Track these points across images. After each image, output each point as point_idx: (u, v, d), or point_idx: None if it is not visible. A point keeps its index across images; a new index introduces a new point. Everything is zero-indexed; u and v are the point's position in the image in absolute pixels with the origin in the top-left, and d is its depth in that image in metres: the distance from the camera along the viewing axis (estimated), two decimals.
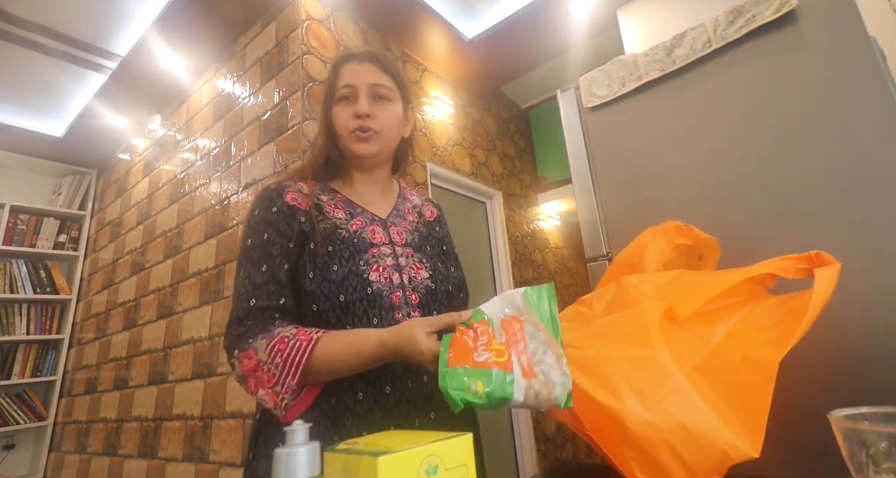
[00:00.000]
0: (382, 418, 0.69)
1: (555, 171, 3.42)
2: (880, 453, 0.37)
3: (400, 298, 0.74)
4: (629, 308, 0.74)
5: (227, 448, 1.64)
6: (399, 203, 0.90)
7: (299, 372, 0.63)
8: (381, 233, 0.80)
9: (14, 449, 2.82)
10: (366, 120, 0.79)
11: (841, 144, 0.92)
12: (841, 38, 0.94)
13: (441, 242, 0.92)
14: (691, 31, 1.13)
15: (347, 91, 0.80)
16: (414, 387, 0.72)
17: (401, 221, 0.85)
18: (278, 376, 0.64)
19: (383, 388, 0.70)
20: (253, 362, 0.66)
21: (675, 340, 0.66)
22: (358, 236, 0.77)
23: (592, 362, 0.64)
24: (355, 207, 0.82)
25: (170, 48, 2.24)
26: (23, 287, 2.88)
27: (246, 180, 1.96)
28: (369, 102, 0.80)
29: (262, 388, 0.65)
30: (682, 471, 0.56)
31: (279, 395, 0.63)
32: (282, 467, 0.36)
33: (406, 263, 0.78)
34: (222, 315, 1.86)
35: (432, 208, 0.96)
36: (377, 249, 0.77)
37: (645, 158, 1.20)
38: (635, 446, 0.58)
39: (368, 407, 0.69)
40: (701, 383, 0.61)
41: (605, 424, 0.60)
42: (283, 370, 0.63)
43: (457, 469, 0.39)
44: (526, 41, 2.46)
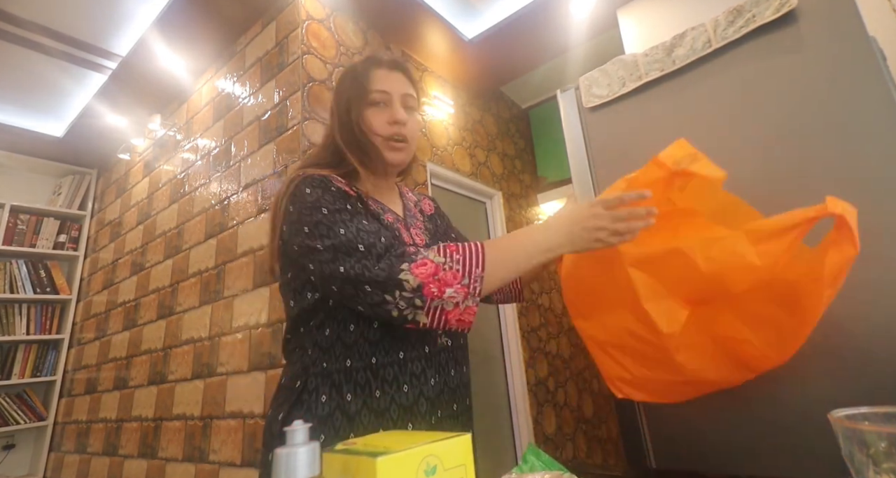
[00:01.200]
0: (400, 417, 0.70)
1: (555, 171, 3.42)
2: (880, 453, 0.37)
3: None
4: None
5: (227, 448, 1.64)
6: (405, 203, 0.92)
7: (483, 262, 0.66)
8: (405, 233, 0.82)
9: (14, 449, 2.82)
10: (401, 128, 0.81)
11: (841, 144, 0.92)
12: (841, 38, 0.94)
13: (445, 235, 0.95)
14: (691, 31, 1.13)
15: (382, 96, 0.81)
16: (437, 384, 0.74)
17: (414, 221, 0.88)
18: (464, 269, 0.65)
19: (401, 387, 0.71)
20: (431, 268, 0.65)
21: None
22: (394, 228, 0.80)
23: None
24: (380, 204, 0.83)
25: (170, 48, 2.24)
26: (23, 287, 2.88)
27: (246, 180, 1.96)
28: (403, 111, 0.82)
29: (448, 286, 0.64)
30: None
31: (470, 285, 0.65)
32: (282, 467, 0.36)
33: None
34: (222, 315, 1.86)
35: (428, 202, 0.99)
36: (412, 247, 0.77)
37: (645, 158, 1.19)
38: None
39: (385, 405, 0.69)
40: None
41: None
42: (466, 264, 0.66)
43: (455, 469, 0.39)
44: (526, 41, 2.46)
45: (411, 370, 0.72)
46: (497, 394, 2.53)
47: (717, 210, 0.85)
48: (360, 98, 0.82)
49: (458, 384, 0.77)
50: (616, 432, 3.20)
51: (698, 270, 0.71)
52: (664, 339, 0.76)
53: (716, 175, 0.80)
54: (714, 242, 0.72)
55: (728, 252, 0.70)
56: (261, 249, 1.77)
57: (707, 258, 0.71)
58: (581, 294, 0.93)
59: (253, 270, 1.77)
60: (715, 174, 0.80)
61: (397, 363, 0.71)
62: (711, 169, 0.82)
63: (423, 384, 0.72)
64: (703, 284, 0.73)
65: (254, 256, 1.79)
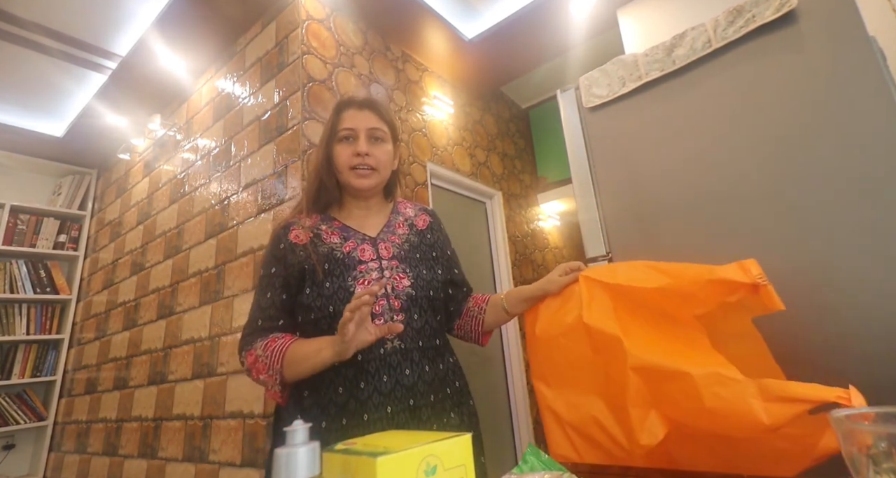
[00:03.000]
0: (357, 409, 0.82)
1: (555, 171, 3.42)
2: (880, 453, 0.37)
3: (383, 306, 0.87)
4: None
5: (227, 448, 1.64)
6: (392, 219, 1.02)
7: (281, 359, 0.83)
8: (370, 250, 0.93)
9: (14, 449, 2.82)
10: (364, 158, 0.94)
11: (841, 143, 0.92)
12: (841, 38, 0.94)
13: (431, 248, 1.03)
14: (691, 31, 1.13)
15: (348, 133, 0.95)
16: (388, 382, 0.85)
17: (390, 235, 0.98)
18: (268, 364, 0.84)
19: (358, 384, 0.84)
20: (253, 357, 0.86)
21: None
22: (349, 256, 0.91)
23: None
24: (349, 231, 0.96)
25: (170, 48, 2.24)
26: (23, 287, 2.88)
27: (246, 180, 1.96)
28: (367, 143, 0.95)
29: (260, 375, 0.85)
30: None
31: (271, 377, 0.83)
32: (282, 467, 0.36)
33: (390, 275, 0.91)
34: (222, 315, 1.86)
35: (425, 217, 1.07)
36: (365, 265, 0.91)
37: (645, 158, 1.20)
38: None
39: (345, 399, 0.83)
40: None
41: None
42: (270, 359, 0.84)
43: (455, 470, 0.39)
44: (526, 41, 2.46)
45: (367, 369, 0.84)
46: (497, 394, 2.53)
47: (735, 344, 0.84)
48: (332, 136, 0.97)
49: (416, 382, 0.85)
50: None
51: (700, 402, 0.70)
52: (637, 448, 0.76)
53: (778, 305, 0.78)
54: (726, 382, 0.70)
55: (737, 397, 0.68)
56: (260, 249, 1.77)
57: (714, 395, 0.70)
58: (551, 361, 0.92)
59: (253, 270, 1.77)
60: (778, 304, 0.78)
61: (355, 365, 0.84)
62: (776, 299, 0.80)
63: (377, 382, 0.83)
64: (697, 415, 0.72)
65: (254, 256, 1.79)
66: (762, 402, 0.66)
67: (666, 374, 0.75)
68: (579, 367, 0.87)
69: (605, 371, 0.83)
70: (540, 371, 0.93)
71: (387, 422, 0.82)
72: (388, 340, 0.86)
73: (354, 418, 0.81)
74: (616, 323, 0.83)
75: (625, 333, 0.81)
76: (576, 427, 0.85)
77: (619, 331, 0.81)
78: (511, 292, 1.00)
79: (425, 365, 0.88)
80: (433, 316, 0.94)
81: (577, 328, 0.87)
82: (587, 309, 0.86)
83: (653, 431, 0.76)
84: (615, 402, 0.81)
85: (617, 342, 0.80)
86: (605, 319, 0.84)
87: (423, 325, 0.91)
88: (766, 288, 0.77)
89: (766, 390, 0.67)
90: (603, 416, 0.82)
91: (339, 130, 0.95)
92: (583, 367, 0.87)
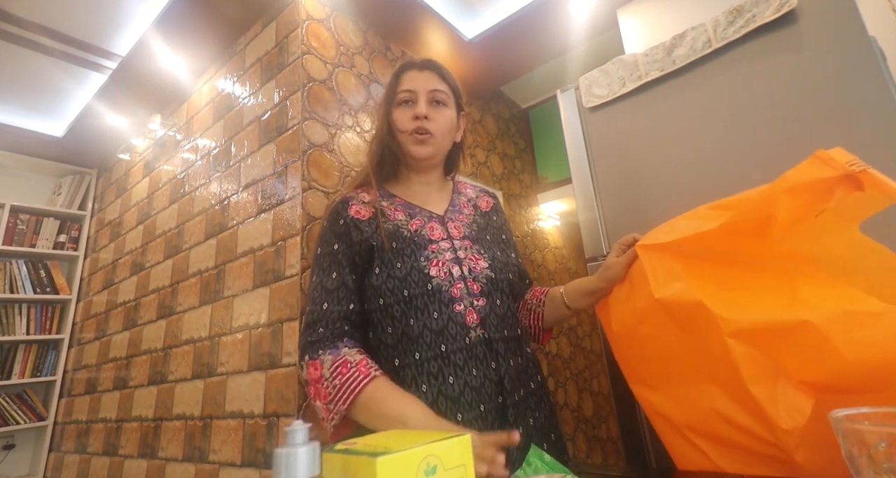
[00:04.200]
0: (449, 408, 0.72)
1: (555, 171, 3.42)
2: (880, 453, 0.37)
3: (461, 290, 0.78)
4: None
5: (227, 448, 1.64)
6: (454, 199, 0.94)
7: (349, 402, 0.69)
8: (439, 229, 0.85)
9: (14, 449, 2.82)
10: (423, 121, 0.86)
11: (841, 143, 0.92)
12: (841, 38, 0.94)
13: (500, 230, 0.96)
14: (691, 31, 1.13)
15: (407, 95, 0.88)
16: (478, 375, 0.74)
17: (458, 215, 0.90)
18: (333, 396, 0.70)
19: (446, 378, 0.73)
20: (318, 374, 0.73)
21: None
22: (418, 235, 0.83)
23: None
24: (413, 208, 0.88)
25: (170, 48, 2.24)
26: (23, 287, 2.88)
27: (246, 180, 1.96)
28: (427, 106, 0.87)
29: (319, 400, 0.72)
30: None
31: (331, 413, 0.70)
32: (282, 467, 0.36)
33: (465, 256, 0.82)
34: (222, 315, 1.86)
35: (487, 199, 1.00)
36: (436, 244, 0.82)
37: (645, 158, 1.20)
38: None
39: (433, 398, 0.72)
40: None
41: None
42: (338, 393, 0.69)
43: (455, 470, 0.39)
44: (526, 41, 2.46)
45: (454, 361, 0.74)
46: None
47: (849, 264, 0.65)
48: (391, 100, 0.90)
49: (503, 376, 0.75)
50: (616, 432, 3.20)
51: (838, 354, 0.54)
52: (781, 435, 0.57)
53: (893, 188, 0.58)
54: (863, 320, 0.54)
55: (887, 335, 0.52)
56: (261, 249, 1.77)
57: (852, 342, 0.53)
58: (642, 358, 0.76)
59: (253, 270, 1.77)
60: (892, 188, 0.58)
61: (439, 356, 0.74)
62: (890, 182, 0.58)
63: (466, 375, 0.73)
64: (843, 372, 0.55)
65: (254, 256, 1.79)
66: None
67: (778, 331, 0.58)
68: (674, 355, 0.70)
69: (705, 350, 0.65)
70: (634, 373, 0.78)
71: (481, 422, 0.71)
72: (471, 328, 0.75)
73: (447, 420, 0.69)
74: (692, 287, 0.66)
75: (707, 296, 0.64)
76: (696, 428, 0.68)
77: (698, 295, 0.65)
78: (571, 285, 0.88)
79: (510, 358, 0.78)
80: (514, 303, 0.85)
81: (654, 310, 0.70)
82: (654, 282, 0.70)
83: (793, 407, 0.57)
84: (732, 385, 0.62)
85: (701, 310, 0.64)
86: (676, 286, 0.68)
87: (506, 311, 0.81)
88: (866, 173, 0.58)
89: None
90: (724, 406, 0.64)
91: (398, 92, 0.88)
92: (678, 354, 0.70)
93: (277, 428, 1.48)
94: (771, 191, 0.63)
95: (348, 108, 1.94)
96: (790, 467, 0.59)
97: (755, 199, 0.65)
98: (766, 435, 0.59)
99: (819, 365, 0.56)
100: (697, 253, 0.69)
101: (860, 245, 0.65)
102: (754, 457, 0.62)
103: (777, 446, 0.58)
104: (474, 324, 0.76)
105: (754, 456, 0.62)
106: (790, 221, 0.63)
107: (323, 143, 1.78)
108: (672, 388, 0.71)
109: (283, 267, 1.64)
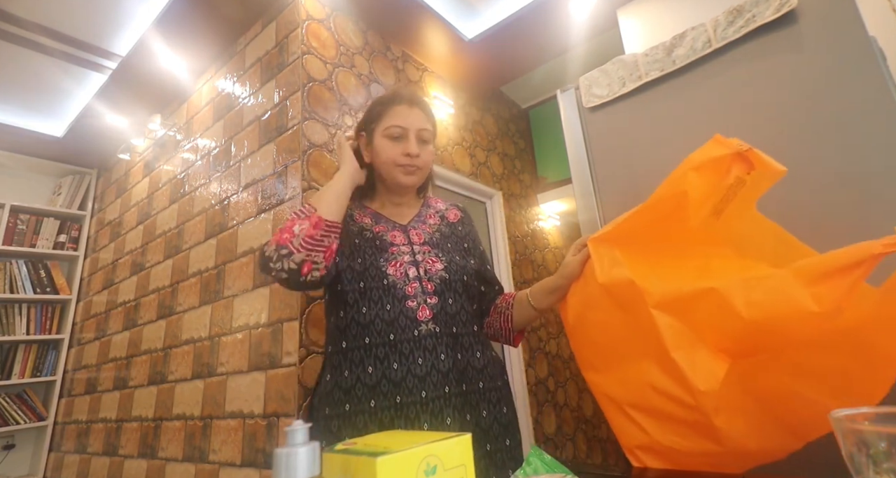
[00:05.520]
0: (390, 391, 0.79)
1: (555, 171, 3.42)
2: (880, 453, 0.37)
3: (416, 289, 0.86)
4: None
5: (227, 448, 1.64)
6: (422, 211, 1.03)
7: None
8: (401, 236, 0.94)
9: (14, 449, 2.82)
10: (414, 159, 0.94)
11: (841, 143, 0.92)
12: (841, 38, 0.94)
13: (463, 239, 1.02)
14: (691, 31, 1.13)
15: (399, 131, 0.95)
16: (424, 364, 0.81)
17: (421, 225, 0.99)
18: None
19: (391, 364, 0.81)
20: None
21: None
22: (380, 238, 0.92)
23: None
24: (380, 217, 0.98)
25: (170, 48, 2.24)
26: (23, 287, 2.88)
27: (246, 180, 1.96)
28: (417, 144, 0.95)
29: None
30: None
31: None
32: (282, 467, 0.36)
33: (423, 259, 0.90)
34: (222, 315, 1.86)
35: (456, 211, 1.08)
36: (396, 248, 0.91)
37: (645, 158, 1.20)
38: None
39: (377, 379, 0.80)
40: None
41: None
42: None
43: (455, 470, 0.39)
44: (526, 41, 2.46)
45: (400, 350, 0.81)
46: None
47: (750, 241, 0.74)
48: (375, 126, 0.97)
49: (451, 368, 0.82)
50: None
51: (738, 316, 0.60)
52: (699, 397, 0.63)
53: (778, 167, 0.67)
54: (757, 283, 0.60)
55: (776, 295, 0.58)
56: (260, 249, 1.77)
57: (749, 303, 0.59)
58: (592, 344, 0.82)
59: (253, 270, 1.77)
60: (777, 166, 0.67)
61: (387, 344, 0.82)
62: (772, 160, 0.67)
63: (411, 363, 0.81)
64: (743, 333, 0.61)
65: (254, 256, 1.79)
66: (804, 288, 0.56)
67: (691, 299, 0.65)
68: (618, 337, 0.76)
69: (639, 326, 0.71)
70: (585, 360, 0.83)
71: (421, 407, 0.77)
72: (423, 322, 0.83)
73: (386, 400, 0.78)
74: (626, 268, 0.74)
75: (638, 276, 0.71)
76: (636, 404, 0.73)
77: (629, 274, 0.72)
78: (536, 285, 0.94)
79: (459, 352, 0.84)
80: (469, 303, 0.91)
81: (599, 294, 0.77)
82: (599, 269, 0.77)
83: (707, 370, 0.63)
84: (660, 356, 0.68)
85: (632, 287, 0.70)
86: (615, 269, 0.75)
87: (459, 310, 0.88)
88: (752, 152, 0.68)
89: (802, 274, 0.57)
90: (656, 378, 0.69)
91: (388, 125, 0.95)
92: (621, 335, 0.75)
93: (277, 428, 1.48)
94: (681, 170, 0.72)
95: (348, 108, 1.94)
96: (713, 432, 0.63)
97: (669, 179, 0.74)
98: (689, 399, 0.64)
99: (725, 328, 0.62)
100: (633, 240, 0.77)
101: (759, 224, 0.76)
102: (683, 425, 0.67)
103: (698, 410, 0.63)
104: (426, 318, 0.83)
105: (682, 424, 0.67)
106: (701, 197, 0.72)
107: (323, 143, 1.79)
108: (617, 369, 0.77)
109: None
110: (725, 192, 0.72)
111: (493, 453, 0.83)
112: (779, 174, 0.69)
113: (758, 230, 0.76)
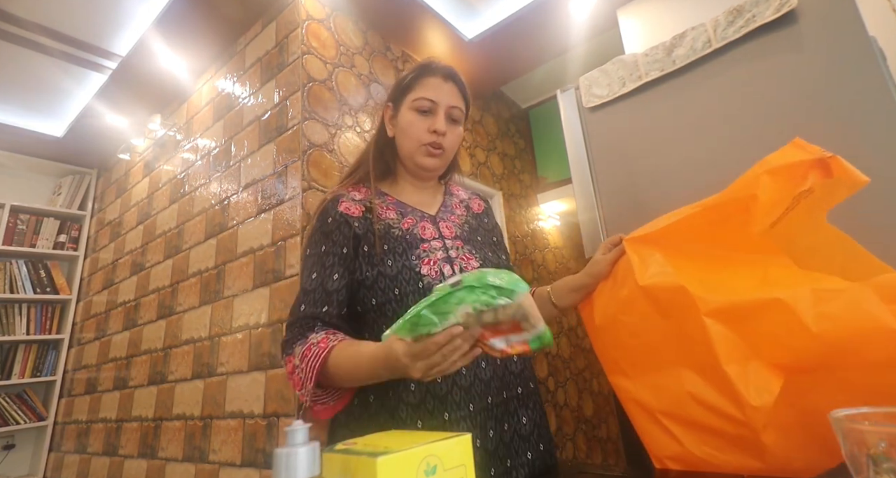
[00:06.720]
0: (436, 408, 0.72)
1: (555, 171, 3.42)
2: (880, 453, 0.37)
3: None
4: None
5: (227, 448, 1.64)
6: (446, 199, 0.95)
7: (314, 376, 0.68)
8: (431, 228, 0.85)
9: (14, 449, 2.82)
10: (440, 138, 0.85)
11: (841, 143, 0.92)
12: (841, 38, 0.94)
13: (491, 232, 0.96)
14: (691, 31, 1.13)
15: (428, 105, 0.86)
16: (468, 373, 0.74)
17: (450, 215, 0.90)
18: (303, 379, 0.70)
19: (434, 378, 0.71)
20: (291, 367, 0.74)
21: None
22: (409, 233, 0.82)
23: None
24: (405, 207, 0.88)
25: (170, 48, 2.24)
26: (23, 287, 2.88)
27: (246, 180, 1.96)
28: (446, 122, 0.86)
29: (297, 389, 0.72)
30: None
31: (305, 396, 0.70)
32: (282, 467, 0.36)
33: (456, 255, 0.82)
34: (222, 315, 1.86)
35: (479, 201, 1.01)
36: (428, 243, 0.82)
37: (645, 158, 1.20)
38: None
39: (421, 397, 0.72)
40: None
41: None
42: (305, 374, 0.69)
43: (455, 470, 0.39)
44: (526, 41, 2.46)
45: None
46: None
47: (816, 252, 0.70)
48: (402, 97, 0.88)
49: (492, 377, 0.76)
50: (616, 432, 3.20)
51: (806, 330, 0.56)
52: (750, 412, 0.59)
53: (861, 177, 0.64)
54: (831, 295, 0.56)
55: (852, 310, 0.54)
56: (260, 249, 1.77)
57: (820, 316, 0.55)
58: (622, 347, 0.78)
59: (253, 270, 1.77)
60: (860, 176, 0.63)
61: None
62: (855, 170, 0.63)
63: (455, 375, 0.73)
64: (808, 348, 0.57)
65: (254, 256, 1.79)
66: (885, 304, 0.52)
67: (751, 310, 0.61)
68: (654, 342, 0.72)
69: (683, 334, 0.68)
70: (613, 364, 0.79)
71: (469, 422, 0.71)
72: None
73: (434, 419, 0.70)
74: (674, 272, 0.69)
75: (688, 281, 0.67)
76: (670, 413, 0.69)
77: (679, 279, 0.67)
78: (557, 283, 0.89)
79: (496, 358, 0.77)
80: None
81: (637, 297, 0.73)
82: (639, 271, 0.73)
83: (762, 385, 0.59)
84: (707, 366, 0.64)
85: (682, 293, 0.66)
86: (660, 272, 0.70)
87: None
88: (836, 159, 0.63)
89: (883, 289, 0.53)
90: (698, 388, 0.65)
91: (418, 96, 0.86)
92: (658, 340, 0.72)
93: (277, 428, 1.48)
94: (754, 172, 0.68)
95: (348, 108, 1.94)
96: (758, 449, 0.61)
97: (740, 181, 0.69)
98: (737, 413, 0.61)
99: (788, 342, 0.59)
100: (679, 243, 0.73)
101: (829, 235, 0.71)
102: (723, 440, 0.64)
103: (746, 425, 0.60)
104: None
105: (723, 438, 0.63)
106: (771, 203, 0.67)
107: (323, 143, 1.78)
108: (649, 375, 0.73)
109: (283, 267, 1.64)
110: (793, 199, 0.68)
111: (533, 461, 0.77)
112: (860, 184, 0.65)
113: (826, 242, 0.71)
